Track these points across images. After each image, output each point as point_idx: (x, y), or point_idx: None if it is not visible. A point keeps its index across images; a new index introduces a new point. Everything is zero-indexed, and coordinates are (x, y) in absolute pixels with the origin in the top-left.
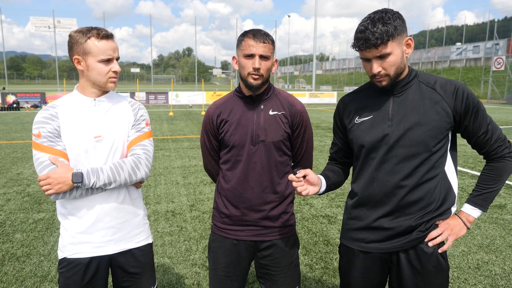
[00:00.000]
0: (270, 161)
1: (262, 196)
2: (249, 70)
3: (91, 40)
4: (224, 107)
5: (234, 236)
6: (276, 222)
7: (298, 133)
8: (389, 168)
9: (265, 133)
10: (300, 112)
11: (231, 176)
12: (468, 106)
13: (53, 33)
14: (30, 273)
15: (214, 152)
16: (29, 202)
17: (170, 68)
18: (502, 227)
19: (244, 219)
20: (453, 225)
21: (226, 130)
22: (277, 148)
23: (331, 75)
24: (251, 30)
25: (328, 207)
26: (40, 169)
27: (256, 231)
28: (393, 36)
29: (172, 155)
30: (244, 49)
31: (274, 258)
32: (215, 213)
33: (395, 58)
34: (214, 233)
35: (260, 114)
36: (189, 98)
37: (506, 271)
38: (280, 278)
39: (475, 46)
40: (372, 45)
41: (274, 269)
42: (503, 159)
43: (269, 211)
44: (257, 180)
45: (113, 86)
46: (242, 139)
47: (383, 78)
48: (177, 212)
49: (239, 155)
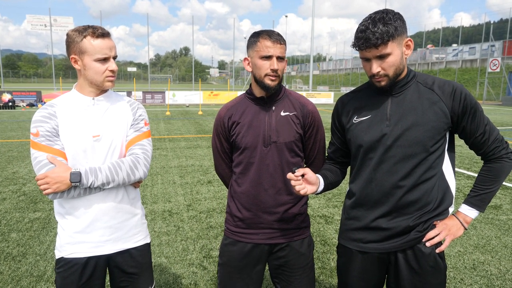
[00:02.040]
0: (283, 162)
1: (276, 197)
2: (267, 71)
3: (86, 39)
4: (235, 109)
5: (249, 240)
6: (291, 224)
7: (310, 133)
8: (387, 168)
9: (277, 134)
10: (312, 112)
11: (244, 179)
12: (465, 107)
13: (49, 32)
14: (26, 273)
15: (225, 155)
16: (25, 202)
17: (167, 68)
18: (498, 228)
19: (258, 222)
20: (450, 226)
21: (238, 132)
22: (289, 149)
23: (328, 76)
24: (265, 31)
25: (325, 207)
26: (38, 168)
27: (271, 234)
28: (393, 36)
29: (169, 155)
30: (260, 50)
31: (289, 260)
32: (228, 217)
33: (394, 59)
34: (227, 236)
35: (272, 115)
36: (186, 98)
37: (502, 271)
38: (295, 280)
39: (471, 47)
40: (372, 45)
41: (290, 271)
42: (501, 160)
43: (283, 212)
44: (271, 182)
45: (110, 85)
46: (254, 141)
47: (382, 78)
48: (174, 211)
49: (251, 157)
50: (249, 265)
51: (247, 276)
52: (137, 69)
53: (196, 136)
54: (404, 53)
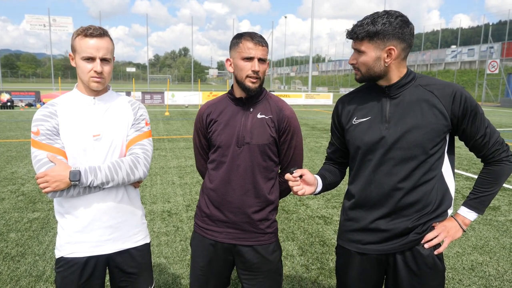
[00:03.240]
0: (254, 164)
1: (243, 199)
2: (248, 72)
3: (78, 38)
4: (215, 107)
5: (213, 237)
6: (256, 228)
7: (284, 138)
8: (386, 170)
9: (250, 135)
10: (288, 118)
11: (215, 176)
12: (466, 109)
13: (49, 32)
14: (25, 273)
15: (203, 151)
16: (24, 202)
17: (166, 68)
18: (496, 229)
19: (224, 220)
20: (449, 227)
21: (214, 129)
22: (262, 152)
23: (327, 77)
24: (247, 32)
25: (324, 208)
26: (38, 167)
27: (235, 234)
28: (372, 38)
29: (168, 155)
30: (242, 51)
31: (253, 264)
32: (197, 211)
33: (366, 59)
34: (194, 231)
35: (249, 116)
36: (185, 98)
37: (500, 272)
38: (258, 283)
39: (470, 49)
40: (350, 36)
41: (254, 274)
42: (501, 163)
43: (249, 215)
44: (240, 183)
45: (95, 86)
46: (228, 140)
47: (356, 71)
48: (173, 212)
49: (223, 156)
50: (211, 261)
51: (208, 272)
52: (136, 70)
53: None
54: (383, 59)
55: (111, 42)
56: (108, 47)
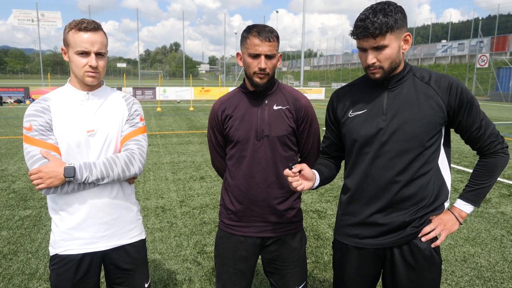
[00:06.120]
0: (275, 156)
1: (268, 191)
2: (255, 69)
3: (71, 32)
4: (229, 103)
5: (241, 233)
6: (283, 218)
7: (303, 127)
8: (383, 163)
9: (269, 128)
10: (304, 107)
11: (237, 172)
12: (461, 101)
13: (37, 27)
14: (18, 271)
15: (220, 148)
16: (15, 199)
17: (157, 63)
18: (487, 221)
19: (250, 215)
20: (446, 221)
21: (230, 125)
22: (282, 143)
23: (319, 71)
24: (256, 26)
25: (318, 202)
26: (31, 163)
27: (263, 228)
28: (392, 28)
29: (161, 151)
30: (249, 48)
31: (281, 254)
32: (222, 209)
33: (391, 52)
34: (221, 229)
35: (265, 109)
36: (176, 94)
37: (491, 263)
38: (288, 273)
39: (460, 43)
40: (370, 34)
41: (282, 264)
42: (496, 155)
43: (275, 206)
44: (263, 176)
45: (90, 81)
46: (246, 134)
47: (376, 70)
48: (167, 208)
49: (243, 151)
50: (242, 258)
51: (240, 269)
52: (127, 65)
53: (188, 132)
54: (401, 47)
55: (105, 36)
56: (103, 41)
